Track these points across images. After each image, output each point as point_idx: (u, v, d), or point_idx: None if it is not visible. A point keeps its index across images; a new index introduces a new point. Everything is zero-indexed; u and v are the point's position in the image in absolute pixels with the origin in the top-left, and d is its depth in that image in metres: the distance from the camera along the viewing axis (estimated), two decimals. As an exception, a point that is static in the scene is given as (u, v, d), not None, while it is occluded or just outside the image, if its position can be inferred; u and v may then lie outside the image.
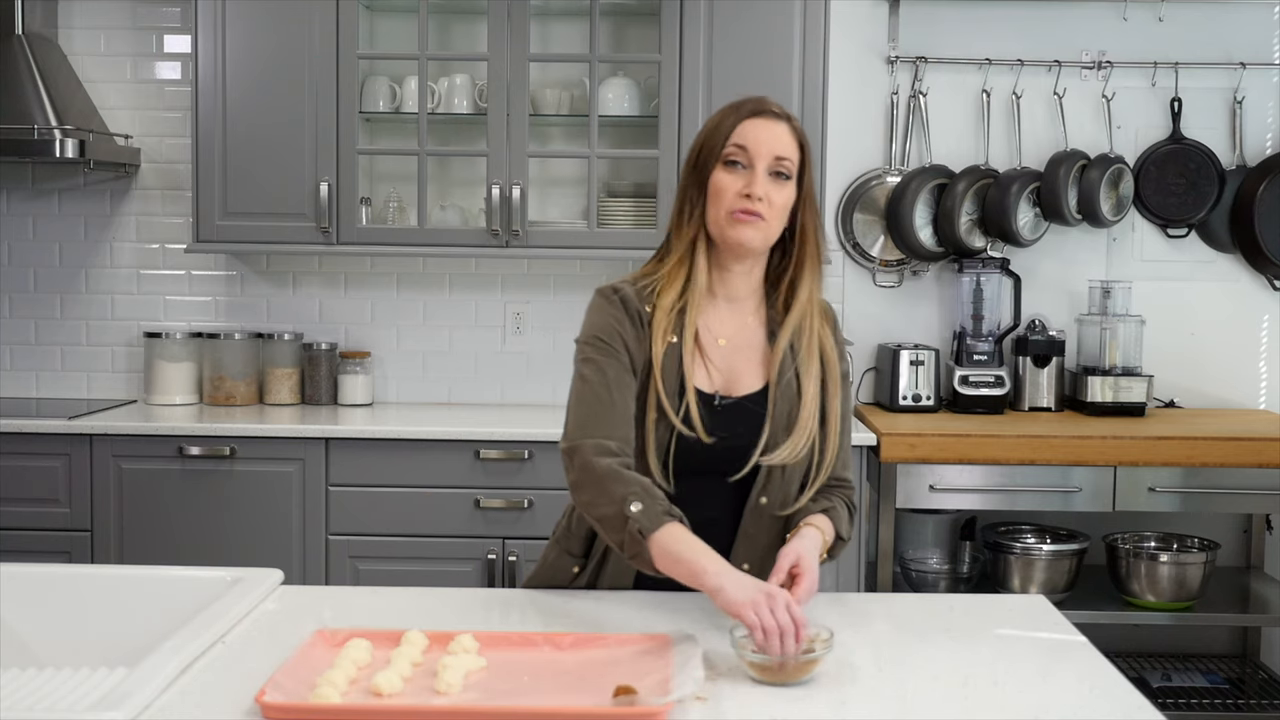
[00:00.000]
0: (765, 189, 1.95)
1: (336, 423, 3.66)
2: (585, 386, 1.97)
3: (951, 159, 3.98)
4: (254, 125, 3.70)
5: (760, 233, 1.97)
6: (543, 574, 2.11)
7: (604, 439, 1.91)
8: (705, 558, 1.79)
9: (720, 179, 1.97)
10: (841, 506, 2.05)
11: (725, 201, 1.96)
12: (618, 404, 1.94)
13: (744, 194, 1.95)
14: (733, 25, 3.65)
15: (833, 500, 2.04)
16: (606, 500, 1.86)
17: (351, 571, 3.53)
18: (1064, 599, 3.48)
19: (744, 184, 1.96)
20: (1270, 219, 3.90)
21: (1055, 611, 1.94)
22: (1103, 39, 3.97)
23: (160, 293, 4.08)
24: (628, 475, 1.87)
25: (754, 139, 1.97)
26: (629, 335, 1.98)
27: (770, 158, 1.97)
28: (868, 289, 4.05)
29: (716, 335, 2.03)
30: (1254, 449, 3.45)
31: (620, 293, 2.02)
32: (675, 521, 1.84)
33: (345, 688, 1.51)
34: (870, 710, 1.52)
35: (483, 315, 4.08)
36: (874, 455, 3.49)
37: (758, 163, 1.96)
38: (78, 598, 1.91)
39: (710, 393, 1.99)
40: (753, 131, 1.98)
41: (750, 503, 2.00)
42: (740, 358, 2.03)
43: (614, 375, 1.96)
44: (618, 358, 1.97)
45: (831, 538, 1.99)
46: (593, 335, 2.00)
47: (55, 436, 3.53)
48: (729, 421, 1.98)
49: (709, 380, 2.00)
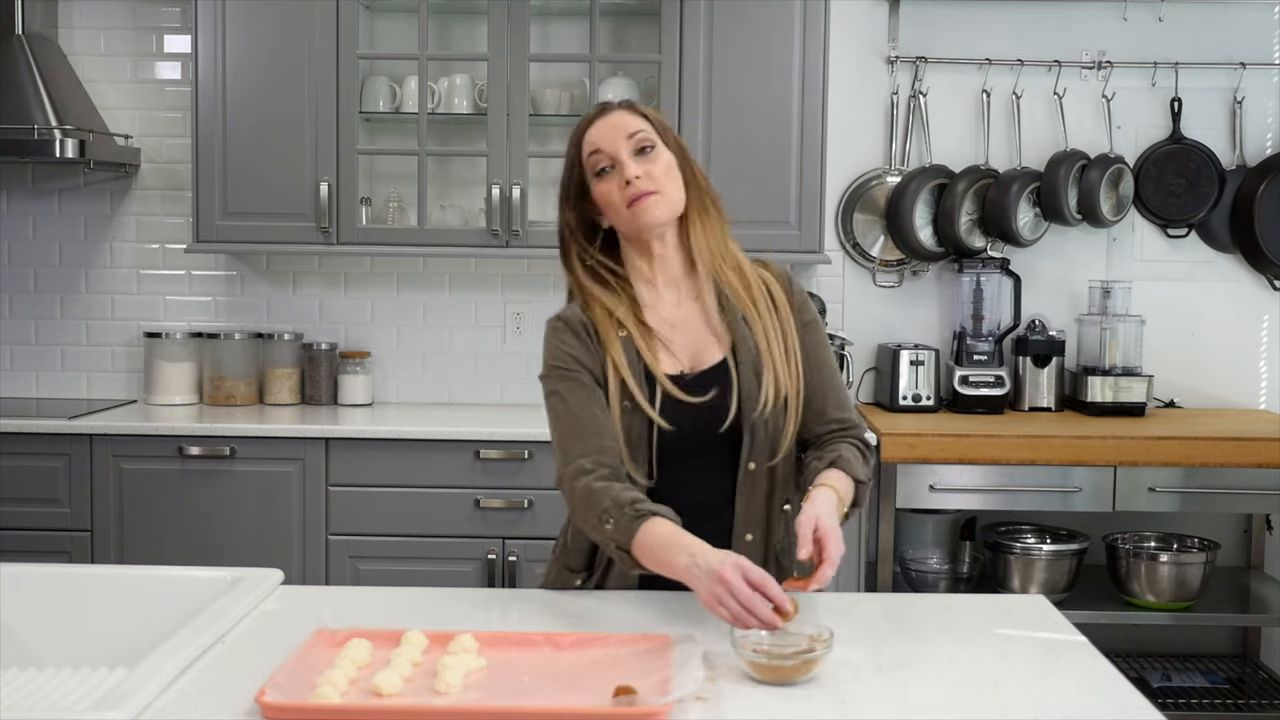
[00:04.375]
0: (640, 168, 1.98)
1: (336, 423, 3.66)
2: (554, 417, 2.01)
3: (951, 159, 3.98)
4: (254, 125, 3.70)
5: (661, 205, 1.99)
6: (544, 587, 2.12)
7: (579, 459, 1.94)
8: (678, 555, 1.78)
9: (600, 190, 2.01)
10: (848, 449, 2.02)
11: (616, 201, 1.99)
12: (584, 420, 1.97)
13: (624, 185, 1.98)
14: (733, 25, 3.65)
15: (837, 448, 2.02)
16: (591, 525, 1.91)
17: (351, 571, 3.53)
18: (1064, 599, 3.48)
19: (618, 180, 1.99)
20: (1270, 219, 3.90)
21: (1055, 611, 1.94)
22: (1103, 39, 3.97)
23: (160, 293, 4.08)
24: (600, 491, 1.89)
25: (599, 136, 2.01)
26: (580, 352, 2.01)
27: (623, 139, 1.99)
28: (868, 289, 4.05)
29: (668, 320, 2.04)
30: (1254, 449, 3.45)
31: (562, 318, 2.05)
32: (647, 521, 1.84)
33: (345, 688, 1.50)
34: (870, 710, 1.52)
35: (483, 315, 4.08)
36: (874, 455, 3.49)
37: (618, 152, 1.99)
38: (77, 598, 1.90)
39: (678, 373, 2.01)
40: (595, 132, 2.02)
41: (741, 473, 2.00)
42: (697, 334, 2.04)
43: (574, 398, 1.98)
44: (576, 378, 2.00)
45: (849, 488, 1.97)
46: (549, 366, 2.03)
47: (55, 436, 3.53)
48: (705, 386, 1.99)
49: (675, 362, 2.02)
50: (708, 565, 1.73)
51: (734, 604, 1.67)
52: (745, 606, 1.67)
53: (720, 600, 1.69)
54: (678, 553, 1.78)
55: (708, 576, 1.72)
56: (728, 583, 1.69)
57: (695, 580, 1.74)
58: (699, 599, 1.74)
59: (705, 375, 2.01)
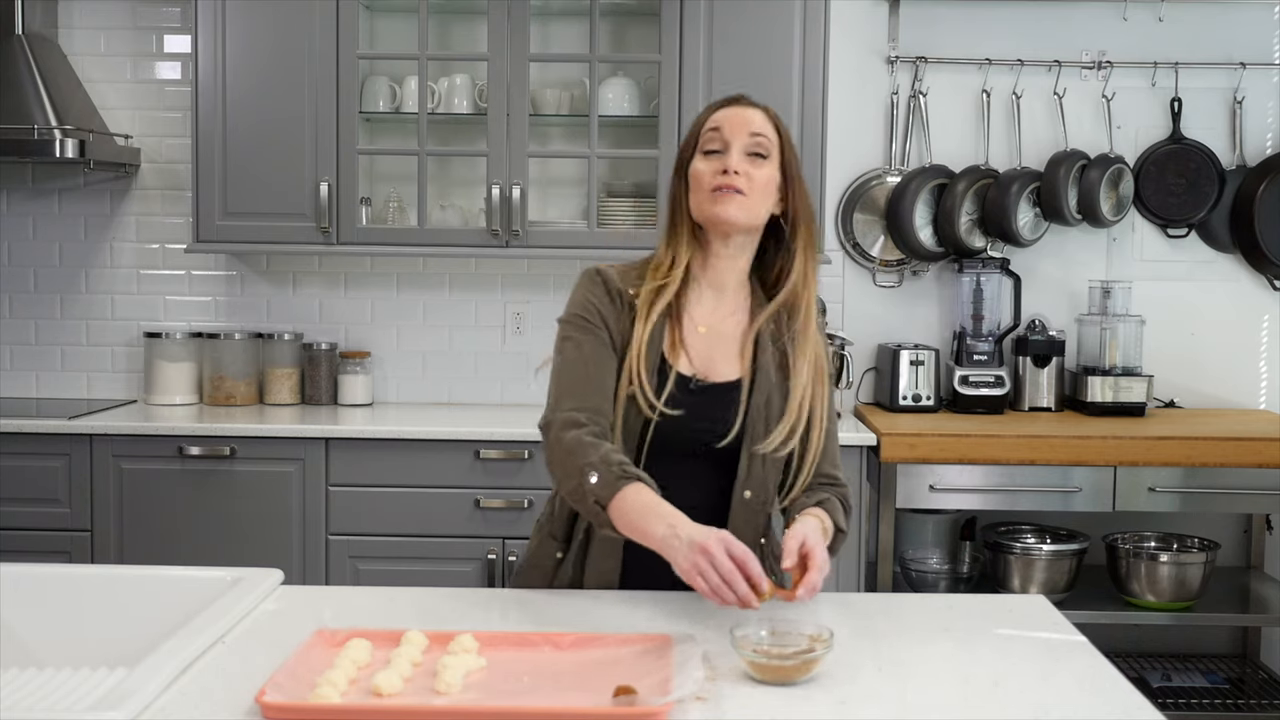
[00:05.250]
0: (742, 165, 1.97)
1: (336, 423, 3.66)
2: (563, 362, 1.99)
3: (951, 159, 3.98)
4: (254, 125, 3.70)
5: (741, 208, 1.97)
6: (528, 560, 2.12)
7: (574, 411, 1.92)
8: (656, 523, 1.78)
9: (698, 166, 2.00)
10: (835, 501, 2.03)
11: (704, 183, 1.98)
12: (593, 378, 1.95)
13: (720, 172, 1.96)
14: (733, 25, 3.65)
15: (825, 495, 2.03)
16: (570, 474, 1.88)
17: (351, 571, 3.53)
18: (1064, 599, 3.48)
19: (720, 164, 1.97)
20: (1270, 219, 3.90)
21: (1055, 611, 1.94)
22: (1103, 39, 3.97)
23: (160, 293, 4.08)
24: (589, 445, 1.87)
25: (726, 120, 2.00)
26: (608, 313, 1.99)
27: (745, 134, 1.98)
28: (868, 289, 4.05)
29: (698, 323, 2.03)
30: (1254, 449, 3.45)
31: (603, 274, 2.03)
32: (632, 484, 1.83)
33: (345, 688, 1.50)
34: (870, 710, 1.52)
35: (483, 315, 4.08)
36: (874, 455, 3.50)
37: (733, 141, 1.98)
38: (77, 598, 1.90)
39: (688, 375, 2.00)
40: (725, 115, 2.01)
41: (736, 495, 2.00)
42: (720, 346, 2.03)
43: (590, 350, 1.97)
44: (596, 334, 1.98)
45: (831, 528, 1.97)
46: (572, 314, 2.01)
47: (55, 436, 3.54)
48: (705, 404, 1.98)
49: (688, 364, 2.01)
50: (689, 536, 1.73)
51: (714, 576, 1.68)
52: (725, 579, 1.68)
53: (700, 570, 1.69)
54: (656, 521, 1.78)
55: (689, 547, 1.72)
56: (711, 554, 1.70)
57: (672, 550, 1.74)
58: (675, 568, 1.74)
59: (713, 388, 2.00)
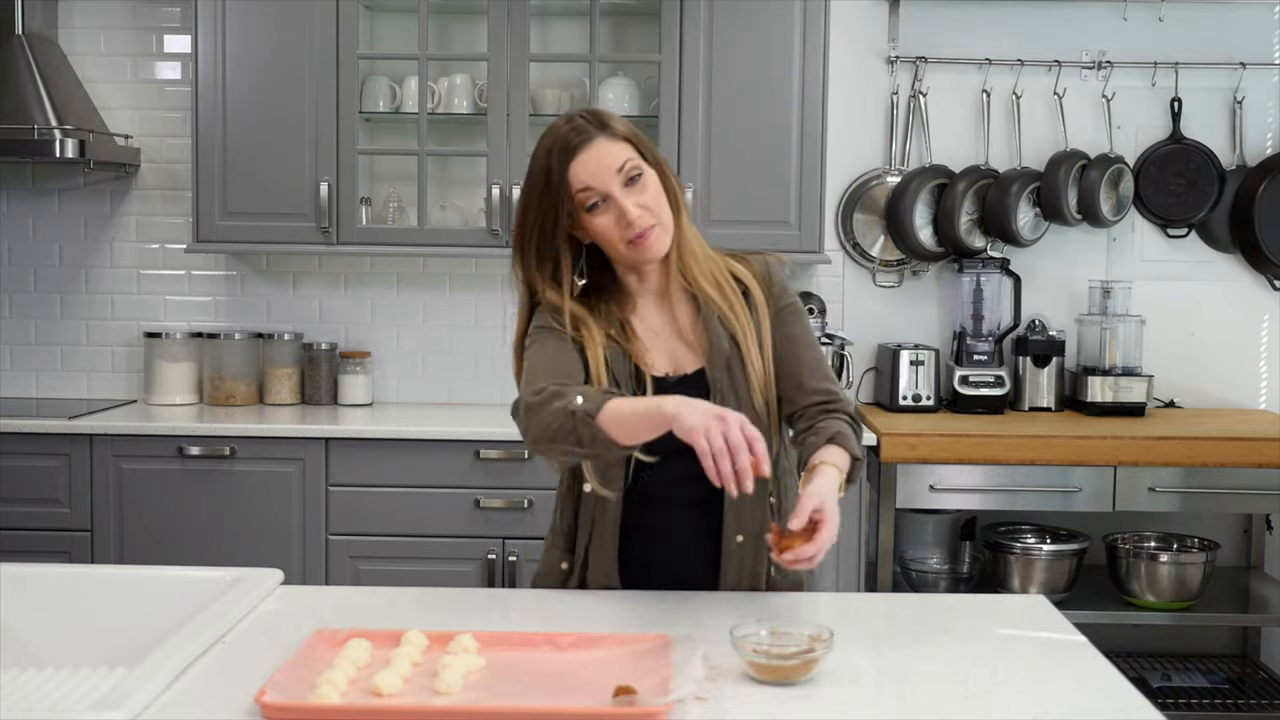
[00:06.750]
0: (635, 202, 1.93)
1: (336, 423, 3.66)
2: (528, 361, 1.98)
3: (951, 159, 3.98)
4: (254, 125, 3.70)
5: (661, 237, 1.96)
6: (540, 573, 2.13)
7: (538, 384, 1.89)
8: (663, 402, 1.75)
9: (597, 224, 1.95)
10: (843, 424, 1.98)
11: (615, 239, 1.95)
12: (558, 366, 1.93)
13: (625, 225, 1.93)
14: (733, 25, 3.65)
15: (832, 424, 1.98)
16: (549, 418, 1.81)
17: (351, 571, 3.53)
18: (1064, 599, 3.48)
19: (615, 216, 1.94)
20: (1270, 219, 3.90)
21: (1055, 611, 1.94)
22: (1103, 39, 3.97)
23: (160, 293, 4.08)
24: (564, 390, 1.83)
25: (588, 175, 1.93)
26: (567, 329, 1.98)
27: (612, 175, 1.93)
28: (868, 289, 4.05)
29: (652, 328, 2.04)
30: (1254, 449, 3.45)
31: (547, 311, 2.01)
32: (619, 396, 1.81)
33: (345, 688, 1.50)
34: (870, 710, 1.52)
35: (483, 315, 4.08)
36: (874, 455, 3.49)
37: (610, 188, 1.93)
38: (78, 598, 1.90)
39: (661, 375, 2.01)
40: (583, 170, 1.93)
41: None
42: (678, 342, 2.04)
43: (555, 346, 1.96)
44: (559, 336, 1.97)
45: (847, 464, 1.93)
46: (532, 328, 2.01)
47: (55, 436, 3.53)
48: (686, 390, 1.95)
49: (659, 366, 2.02)
50: (706, 406, 1.72)
51: (720, 441, 1.66)
52: (732, 447, 1.66)
53: (709, 433, 1.67)
54: (662, 402, 1.75)
55: (704, 413, 1.70)
56: (726, 421, 1.68)
57: (684, 414, 1.70)
58: (679, 423, 1.70)
59: (687, 380, 2.01)
